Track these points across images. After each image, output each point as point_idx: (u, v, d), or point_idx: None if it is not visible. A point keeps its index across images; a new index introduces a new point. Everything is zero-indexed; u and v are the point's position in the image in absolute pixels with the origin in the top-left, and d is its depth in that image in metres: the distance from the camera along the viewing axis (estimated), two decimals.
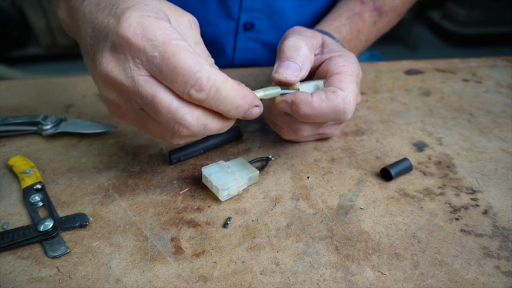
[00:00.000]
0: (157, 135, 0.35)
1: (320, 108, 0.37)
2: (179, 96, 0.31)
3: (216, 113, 0.33)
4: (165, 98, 0.31)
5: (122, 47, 0.30)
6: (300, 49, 0.39)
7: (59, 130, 0.50)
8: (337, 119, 0.38)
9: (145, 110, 0.33)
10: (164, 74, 0.30)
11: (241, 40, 0.70)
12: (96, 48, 0.32)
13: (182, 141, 0.35)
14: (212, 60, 0.36)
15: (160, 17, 0.31)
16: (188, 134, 0.32)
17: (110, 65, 0.31)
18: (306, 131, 0.43)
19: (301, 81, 0.41)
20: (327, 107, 0.37)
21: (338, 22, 0.55)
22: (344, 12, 0.57)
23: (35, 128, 0.50)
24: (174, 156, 0.45)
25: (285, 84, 0.39)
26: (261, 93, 0.38)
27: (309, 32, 0.44)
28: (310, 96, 0.38)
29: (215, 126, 0.33)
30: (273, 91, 0.39)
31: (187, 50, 0.30)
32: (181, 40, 0.30)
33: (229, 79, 0.32)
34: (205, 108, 0.32)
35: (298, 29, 0.44)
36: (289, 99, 0.39)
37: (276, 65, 0.40)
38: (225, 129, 0.35)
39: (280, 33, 0.69)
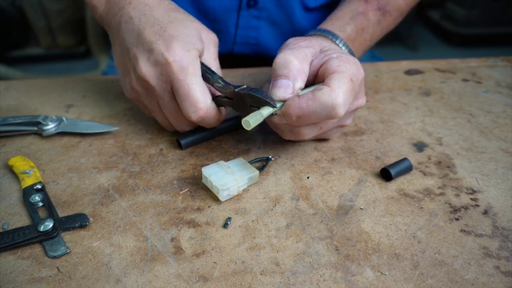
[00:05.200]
0: (159, 120, 0.49)
1: (308, 108, 0.37)
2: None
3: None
4: (173, 107, 0.45)
5: (163, 66, 0.42)
6: (290, 63, 0.40)
7: (59, 130, 0.50)
8: (329, 115, 0.38)
9: (159, 105, 0.46)
10: (178, 94, 0.43)
11: (244, 17, 0.69)
12: (138, 53, 0.44)
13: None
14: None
15: (196, 47, 0.44)
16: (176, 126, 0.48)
17: (149, 72, 0.43)
18: (307, 134, 0.43)
19: (303, 89, 0.41)
20: (314, 105, 0.37)
21: (341, 21, 0.55)
22: (348, 11, 0.57)
23: (35, 128, 0.50)
24: (184, 141, 0.48)
25: (284, 101, 0.40)
26: (265, 111, 0.39)
27: (303, 42, 0.44)
28: (297, 99, 0.38)
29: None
30: (279, 104, 0.40)
31: (201, 85, 0.43)
32: (199, 77, 0.43)
33: (217, 112, 0.45)
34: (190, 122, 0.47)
35: (290, 42, 0.44)
36: (280, 112, 0.40)
37: (270, 85, 0.41)
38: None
39: (286, 11, 0.69)
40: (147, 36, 0.43)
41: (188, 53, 0.42)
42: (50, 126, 0.50)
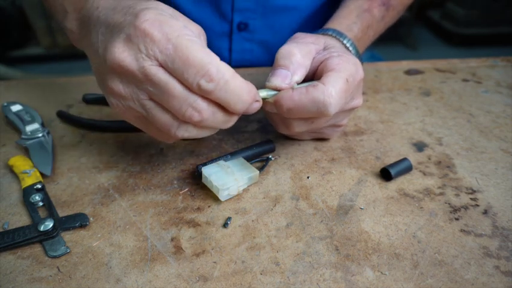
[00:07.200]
0: (155, 134, 0.38)
1: (299, 101, 0.38)
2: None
3: (221, 106, 0.35)
4: (178, 85, 0.33)
5: (137, 38, 0.32)
6: (292, 56, 0.40)
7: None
8: (319, 112, 0.38)
9: (155, 99, 0.34)
10: (176, 64, 0.32)
11: (237, 41, 0.70)
12: (108, 41, 0.34)
13: (186, 135, 0.36)
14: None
15: (176, 17, 0.34)
16: (198, 119, 0.34)
17: (123, 54, 0.32)
18: (298, 127, 0.43)
19: (300, 84, 0.41)
20: (306, 100, 0.38)
21: (348, 20, 0.55)
22: (354, 9, 0.56)
23: None
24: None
25: (278, 91, 0.40)
26: (264, 93, 0.39)
27: (310, 38, 0.44)
28: (291, 91, 0.39)
29: (221, 117, 0.35)
30: (272, 93, 0.40)
31: (199, 44, 0.32)
32: (194, 36, 0.33)
33: (237, 73, 0.33)
34: (212, 100, 0.34)
35: (298, 35, 0.45)
36: (272, 100, 0.40)
37: (269, 73, 0.41)
38: (228, 125, 0.37)
39: (276, 32, 0.69)
40: (115, 21, 0.34)
41: (164, 16, 0.33)
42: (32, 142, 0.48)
